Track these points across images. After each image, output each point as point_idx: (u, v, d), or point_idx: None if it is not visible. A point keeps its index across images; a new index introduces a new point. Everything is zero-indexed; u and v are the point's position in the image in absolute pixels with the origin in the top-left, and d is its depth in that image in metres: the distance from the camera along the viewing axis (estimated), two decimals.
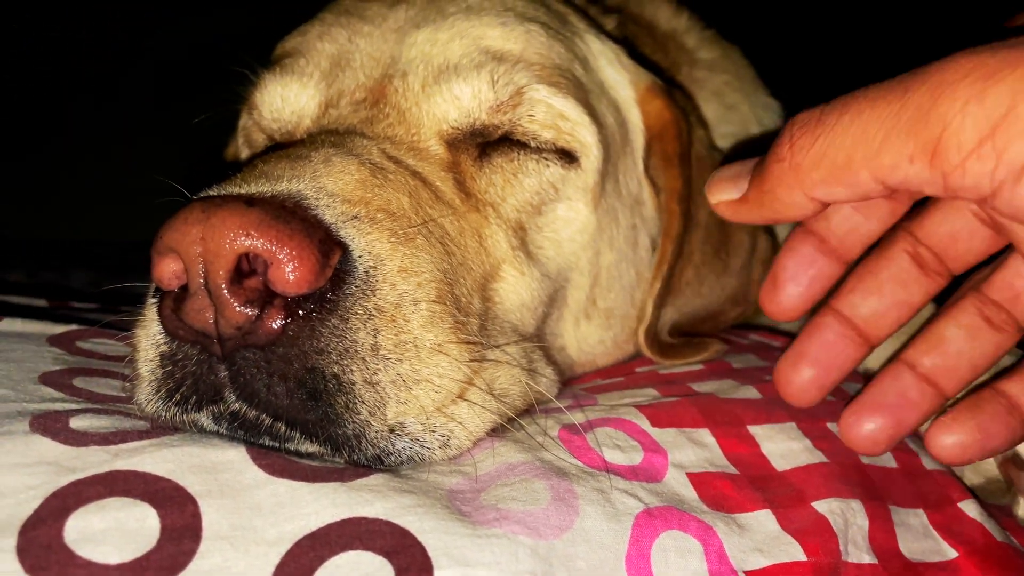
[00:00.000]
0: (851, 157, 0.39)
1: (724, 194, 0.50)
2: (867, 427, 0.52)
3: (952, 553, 0.50)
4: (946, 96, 0.34)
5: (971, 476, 0.62)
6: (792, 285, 0.55)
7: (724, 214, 0.51)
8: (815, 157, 0.41)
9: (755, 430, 0.55)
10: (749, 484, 0.50)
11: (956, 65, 0.35)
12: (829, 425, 0.57)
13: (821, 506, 0.49)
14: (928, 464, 0.58)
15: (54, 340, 0.59)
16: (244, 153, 0.80)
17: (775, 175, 0.44)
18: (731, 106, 1.02)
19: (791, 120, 0.44)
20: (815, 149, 0.41)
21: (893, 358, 0.55)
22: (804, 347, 0.56)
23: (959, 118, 0.33)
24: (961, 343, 0.52)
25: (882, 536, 0.49)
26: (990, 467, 0.62)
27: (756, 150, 0.51)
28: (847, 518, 0.49)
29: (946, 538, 0.51)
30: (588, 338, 0.71)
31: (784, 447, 0.54)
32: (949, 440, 0.50)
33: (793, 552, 0.46)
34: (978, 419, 0.50)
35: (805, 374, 0.55)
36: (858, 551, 0.48)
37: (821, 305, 0.57)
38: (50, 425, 0.43)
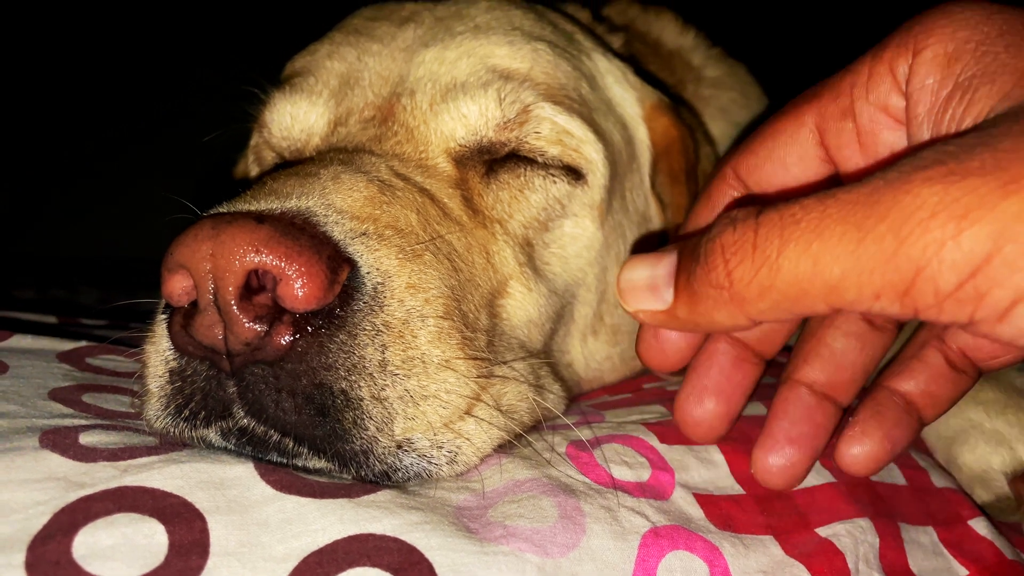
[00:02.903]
0: (804, 291, 0.35)
1: (644, 303, 0.44)
2: (782, 462, 0.49)
3: (963, 572, 0.50)
4: (915, 236, 0.31)
5: (981, 493, 0.62)
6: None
7: (646, 321, 0.46)
8: (759, 289, 0.37)
9: None
10: (755, 505, 0.50)
11: (917, 199, 0.32)
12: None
13: (825, 531, 0.49)
14: (938, 482, 0.58)
15: (64, 356, 0.59)
16: (254, 171, 0.80)
17: (711, 299, 0.39)
18: (737, 123, 1.03)
19: (719, 236, 0.39)
20: (758, 281, 0.37)
21: (783, 380, 0.52)
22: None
23: (935, 263, 0.31)
24: (853, 352, 0.50)
25: (892, 554, 0.49)
26: (1000, 484, 0.61)
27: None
28: (855, 536, 0.49)
29: (956, 556, 0.50)
30: (595, 354, 0.71)
31: None
32: (859, 451, 0.49)
33: (798, 573, 0.46)
34: (884, 428, 0.49)
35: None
36: (869, 569, 0.47)
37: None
38: (59, 441, 0.43)
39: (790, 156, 0.48)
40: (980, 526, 0.53)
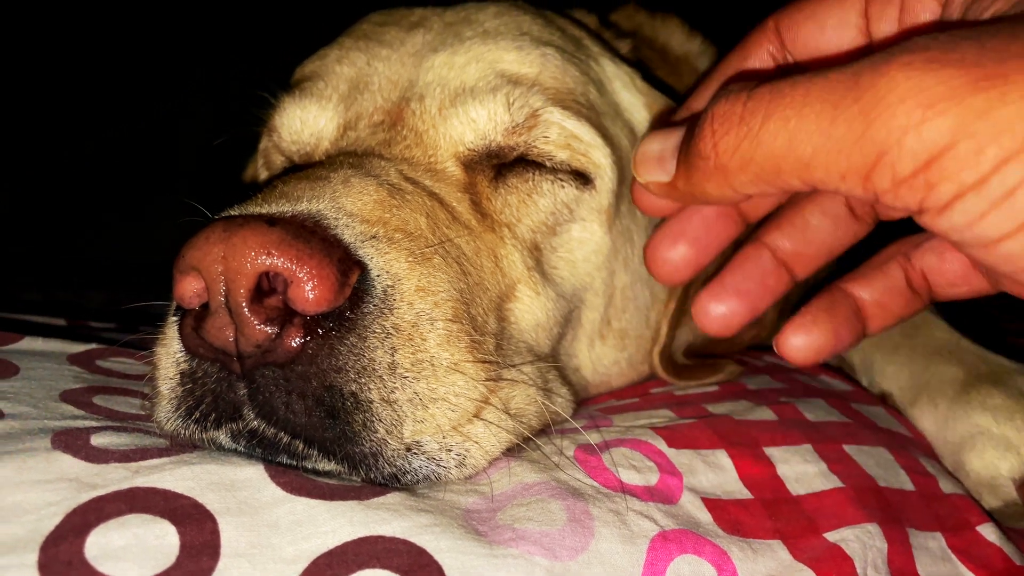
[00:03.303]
0: (779, 167, 0.37)
1: (652, 175, 0.47)
2: (723, 310, 0.51)
3: None
4: (882, 121, 0.32)
5: (989, 499, 0.61)
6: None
7: (655, 193, 0.48)
8: (740, 161, 0.38)
9: (771, 452, 0.55)
10: (763, 509, 0.50)
11: (891, 82, 0.32)
12: (845, 447, 0.57)
13: (833, 536, 0.49)
14: (946, 487, 0.57)
15: (74, 359, 0.60)
16: (263, 175, 0.81)
17: (701, 171, 0.41)
18: None
19: (713, 107, 0.40)
20: (740, 152, 0.38)
21: (751, 238, 0.54)
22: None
23: (896, 149, 0.32)
24: (825, 232, 0.51)
25: (901, 559, 0.49)
26: (1008, 490, 0.61)
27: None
28: (864, 541, 0.49)
29: (965, 562, 0.50)
30: (603, 359, 0.71)
31: (800, 470, 0.54)
32: (804, 341, 0.49)
33: None
34: (834, 323, 0.49)
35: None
36: (877, 574, 0.47)
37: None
38: (71, 442, 0.43)
39: (831, 19, 0.48)
40: (988, 532, 0.53)
